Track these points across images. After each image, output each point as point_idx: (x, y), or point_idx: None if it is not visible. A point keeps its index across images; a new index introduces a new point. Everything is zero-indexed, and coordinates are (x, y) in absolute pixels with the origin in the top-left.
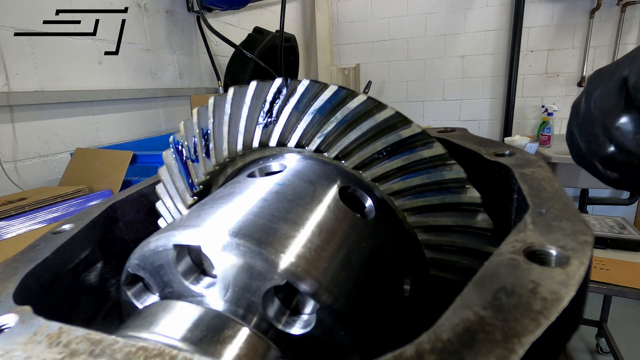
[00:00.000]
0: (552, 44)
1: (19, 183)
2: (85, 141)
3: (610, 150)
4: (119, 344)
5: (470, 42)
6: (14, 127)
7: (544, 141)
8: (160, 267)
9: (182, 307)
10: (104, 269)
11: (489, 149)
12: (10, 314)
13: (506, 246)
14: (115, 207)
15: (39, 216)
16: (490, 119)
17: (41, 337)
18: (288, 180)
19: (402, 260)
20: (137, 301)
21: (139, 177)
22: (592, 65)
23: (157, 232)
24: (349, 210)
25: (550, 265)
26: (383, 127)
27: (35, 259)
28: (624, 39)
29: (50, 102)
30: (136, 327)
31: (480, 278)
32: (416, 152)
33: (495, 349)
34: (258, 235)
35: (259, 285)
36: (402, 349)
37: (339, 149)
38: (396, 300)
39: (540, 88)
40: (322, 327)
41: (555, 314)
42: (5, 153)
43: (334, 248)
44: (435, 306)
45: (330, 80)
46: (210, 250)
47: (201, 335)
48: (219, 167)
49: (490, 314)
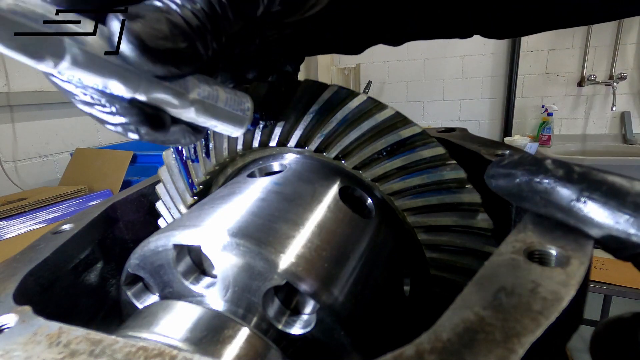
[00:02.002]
0: (552, 44)
1: (19, 183)
2: (85, 141)
3: None
4: (119, 344)
5: (470, 42)
6: (14, 127)
7: (544, 141)
8: (160, 267)
9: (182, 307)
10: (104, 269)
11: (489, 149)
12: (10, 314)
13: (506, 246)
14: (115, 207)
15: (39, 216)
16: (490, 119)
17: (41, 337)
18: (288, 180)
19: (402, 260)
20: (137, 301)
21: (139, 177)
22: (592, 65)
23: (157, 232)
24: (349, 210)
25: (550, 265)
26: (383, 127)
27: (35, 259)
28: (624, 39)
29: (50, 102)
30: (136, 327)
31: (480, 278)
32: (416, 152)
33: (495, 349)
34: (258, 235)
35: (259, 285)
36: (402, 349)
37: (339, 149)
38: (396, 300)
39: (540, 88)
40: (322, 327)
41: (555, 314)
42: (5, 153)
43: (334, 248)
44: (435, 306)
45: (330, 80)
46: (210, 250)
47: (201, 335)
48: (219, 167)
49: (490, 314)
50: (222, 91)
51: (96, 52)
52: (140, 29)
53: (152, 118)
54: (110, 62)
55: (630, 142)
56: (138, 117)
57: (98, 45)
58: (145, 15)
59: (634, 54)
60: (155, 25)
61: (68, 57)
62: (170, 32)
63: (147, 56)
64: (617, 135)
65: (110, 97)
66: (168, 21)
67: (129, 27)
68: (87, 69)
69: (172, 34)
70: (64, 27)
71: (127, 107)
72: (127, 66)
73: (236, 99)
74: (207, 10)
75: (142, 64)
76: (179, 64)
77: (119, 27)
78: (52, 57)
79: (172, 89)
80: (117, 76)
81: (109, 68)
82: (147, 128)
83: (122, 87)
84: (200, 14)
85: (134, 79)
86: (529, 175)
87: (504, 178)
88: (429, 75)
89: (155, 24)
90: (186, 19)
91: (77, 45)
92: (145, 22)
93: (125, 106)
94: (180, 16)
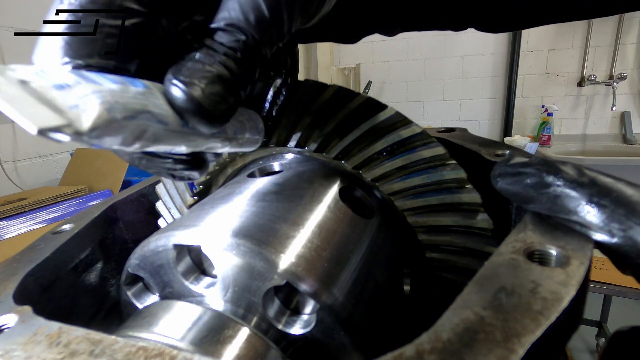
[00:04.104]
0: (552, 44)
1: (19, 183)
2: None
3: None
4: (119, 344)
5: (470, 42)
6: (14, 127)
7: (544, 141)
8: (160, 267)
9: (182, 307)
10: (104, 269)
11: (489, 149)
12: (10, 314)
13: (506, 246)
14: (115, 207)
15: (39, 216)
16: (490, 119)
17: (41, 337)
18: (288, 180)
19: (402, 261)
20: (137, 301)
21: (139, 177)
22: (592, 65)
23: (157, 232)
24: (349, 210)
25: (550, 265)
26: (383, 127)
27: (35, 259)
28: (624, 39)
29: None
30: (136, 327)
31: (480, 278)
32: (416, 152)
33: (495, 349)
34: (258, 235)
35: (259, 285)
36: (402, 349)
37: (339, 149)
38: (396, 300)
39: (540, 88)
40: (322, 327)
41: (555, 314)
42: (5, 153)
43: (334, 248)
44: (435, 306)
45: (330, 80)
46: (210, 250)
47: (201, 335)
48: (219, 167)
49: (490, 314)
50: (246, 121)
51: (174, 127)
52: (200, 97)
53: (198, 162)
54: (182, 132)
55: (630, 142)
56: (188, 165)
57: (173, 119)
58: (196, 79)
59: (634, 54)
60: (212, 89)
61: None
62: (225, 92)
63: (209, 121)
64: (617, 135)
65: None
66: (219, 79)
67: (190, 95)
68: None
69: (226, 92)
70: None
71: (179, 160)
72: (190, 131)
73: (253, 123)
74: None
75: (205, 128)
76: (229, 117)
77: (183, 96)
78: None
79: (219, 136)
80: (184, 141)
81: (179, 137)
82: (197, 172)
83: (186, 149)
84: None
85: (194, 139)
86: (538, 177)
87: (512, 178)
88: (429, 75)
89: (211, 87)
90: (230, 69)
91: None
92: (202, 87)
93: (178, 160)
94: (225, 68)
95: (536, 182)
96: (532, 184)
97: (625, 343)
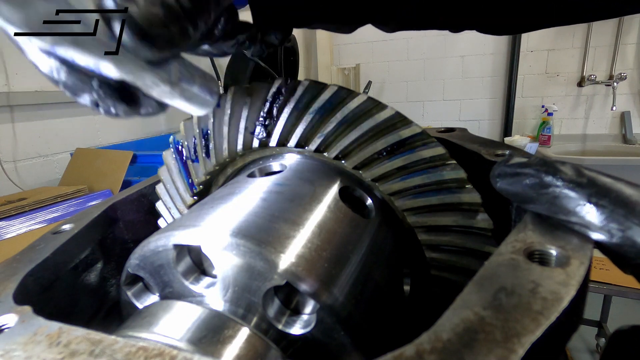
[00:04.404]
0: (552, 44)
1: (19, 183)
2: (85, 141)
3: None
4: (119, 344)
5: (470, 42)
6: (14, 127)
7: (544, 141)
8: (160, 267)
9: (182, 307)
10: (104, 269)
11: (489, 149)
12: (10, 314)
13: (506, 246)
14: (115, 207)
15: (39, 216)
16: (490, 119)
17: (41, 337)
18: (288, 180)
19: (402, 260)
20: (137, 301)
21: (139, 177)
22: (592, 65)
23: (157, 232)
24: (349, 210)
25: (550, 265)
26: (383, 127)
27: (35, 259)
28: (624, 39)
29: (50, 102)
30: (136, 327)
31: (480, 278)
32: (416, 152)
33: (495, 349)
34: (258, 235)
35: (259, 285)
36: (402, 349)
37: (339, 149)
38: (396, 300)
39: (540, 88)
40: (322, 327)
41: (555, 314)
42: (5, 153)
43: (334, 248)
44: (435, 306)
45: (330, 80)
46: (210, 250)
47: (201, 335)
48: (219, 167)
49: (490, 314)
50: (197, 76)
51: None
52: (137, 14)
53: (129, 96)
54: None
55: (630, 142)
56: (116, 95)
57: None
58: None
59: (634, 54)
60: (151, 9)
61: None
62: (164, 16)
63: (144, 42)
64: (617, 135)
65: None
66: (162, 4)
67: (122, 6)
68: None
69: (166, 18)
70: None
71: (106, 85)
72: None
73: (208, 83)
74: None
75: (139, 49)
76: (171, 48)
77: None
78: None
79: (159, 73)
80: (112, 59)
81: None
82: (124, 106)
83: (113, 69)
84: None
85: (126, 63)
86: (537, 177)
87: (511, 178)
88: (429, 75)
89: (151, 7)
90: (179, 1)
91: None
92: (141, 5)
93: (105, 84)
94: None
95: (535, 183)
96: (531, 184)
97: (626, 342)
